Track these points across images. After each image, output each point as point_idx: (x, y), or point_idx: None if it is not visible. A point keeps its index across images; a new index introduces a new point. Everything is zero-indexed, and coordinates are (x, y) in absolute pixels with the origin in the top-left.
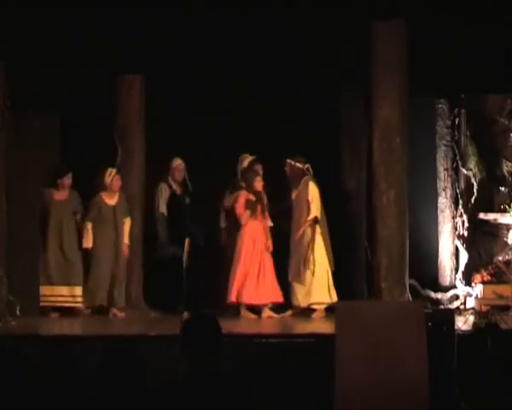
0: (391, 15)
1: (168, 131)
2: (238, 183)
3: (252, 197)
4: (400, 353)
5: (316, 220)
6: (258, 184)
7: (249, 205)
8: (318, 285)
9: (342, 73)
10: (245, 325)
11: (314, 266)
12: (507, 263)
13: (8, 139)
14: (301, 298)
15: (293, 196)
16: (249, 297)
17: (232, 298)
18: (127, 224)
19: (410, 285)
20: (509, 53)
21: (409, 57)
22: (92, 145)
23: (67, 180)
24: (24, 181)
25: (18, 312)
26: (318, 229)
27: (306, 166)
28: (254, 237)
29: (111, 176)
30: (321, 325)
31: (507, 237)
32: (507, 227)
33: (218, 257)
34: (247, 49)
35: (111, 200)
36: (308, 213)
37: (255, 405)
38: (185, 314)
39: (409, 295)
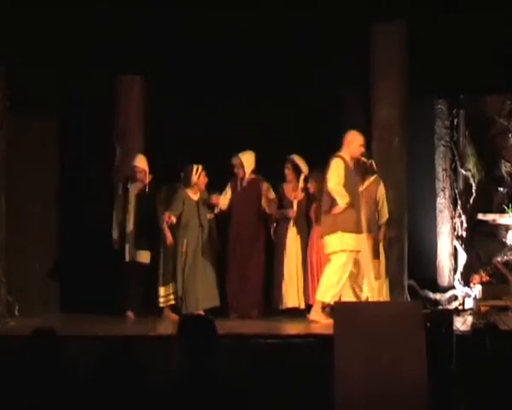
0: (391, 15)
1: (167, 132)
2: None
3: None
4: (399, 353)
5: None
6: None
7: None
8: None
9: (342, 73)
10: (244, 325)
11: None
12: (505, 264)
13: (8, 139)
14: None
15: None
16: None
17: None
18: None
19: (409, 286)
20: (509, 53)
21: (408, 57)
22: (91, 145)
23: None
24: (23, 181)
25: (17, 312)
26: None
27: (370, 161)
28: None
29: (198, 173)
30: (320, 325)
31: (505, 238)
32: (505, 228)
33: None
34: (246, 49)
35: (195, 195)
36: (376, 214)
37: (253, 405)
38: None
39: (407, 296)
